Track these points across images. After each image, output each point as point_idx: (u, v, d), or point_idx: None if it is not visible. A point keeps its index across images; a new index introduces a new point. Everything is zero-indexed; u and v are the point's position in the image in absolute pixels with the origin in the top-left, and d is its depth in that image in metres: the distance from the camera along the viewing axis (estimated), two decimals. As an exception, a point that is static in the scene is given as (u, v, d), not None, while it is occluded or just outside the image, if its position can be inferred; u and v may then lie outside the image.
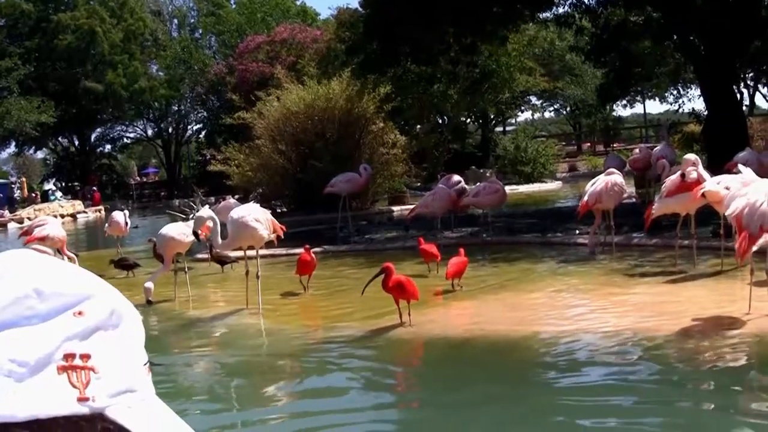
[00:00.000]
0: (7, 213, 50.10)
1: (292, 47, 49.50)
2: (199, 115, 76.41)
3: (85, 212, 52.53)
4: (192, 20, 78.45)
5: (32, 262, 0.93)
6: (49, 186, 69.31)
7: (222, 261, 16.86)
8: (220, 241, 11.98)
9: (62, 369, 0.87)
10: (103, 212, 47.86)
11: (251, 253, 12.66)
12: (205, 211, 12.42)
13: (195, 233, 12.42)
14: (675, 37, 24.80)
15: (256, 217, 12.15)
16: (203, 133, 75.92)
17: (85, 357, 0.89)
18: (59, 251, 17.59)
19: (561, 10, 25.73)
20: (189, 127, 79.96)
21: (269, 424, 7.39)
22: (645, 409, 6.90)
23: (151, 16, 76.02)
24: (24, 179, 73.73)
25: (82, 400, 0.87)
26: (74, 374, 0.88)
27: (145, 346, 0.99)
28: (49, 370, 0.86)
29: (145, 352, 0.99)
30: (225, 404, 8.24)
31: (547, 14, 26.93)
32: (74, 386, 0.87)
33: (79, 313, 0.91)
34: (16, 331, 0.87)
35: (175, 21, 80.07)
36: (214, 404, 8.30)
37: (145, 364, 0.98)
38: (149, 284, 13.57)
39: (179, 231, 13.67)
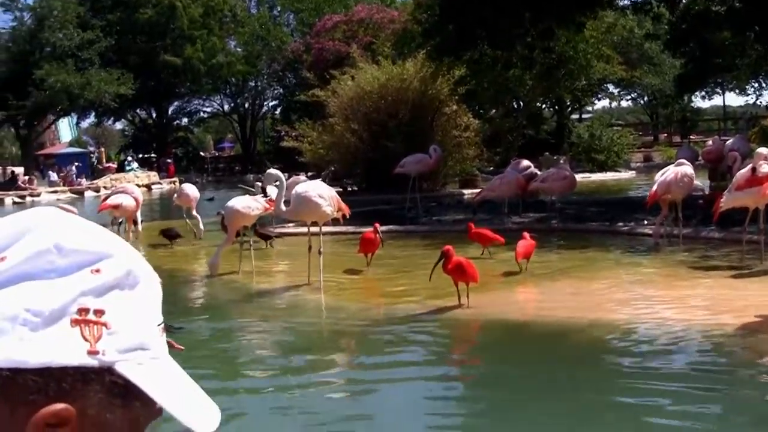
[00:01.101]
0: (84, 181, 50.98)
1: (368, 27, 49.43)
2: (275, 91, 76.86)
3: (159, 183, 53.22)
4: (271, -3, 78.83)
5: (55, 219, 0.98)
6: (126, 157, 70.22)
7: (265, 236, 16.99)
8: (283, 207, 12.14)
9: (75, 322, 0.92)
10: (177, 184, 48.43)
11: (315, 229, 12.74)
12: (275, 170, 12.59)
13: (263, 189, 12.60)
14: (756, 27, 24.37)
15: (320, 193, 12.22)
16: (279, 109, 76.42)
17: (99, 312, 0.94)
18: (127, 220, 18.03)
19: (638, -4, 25.45)
20: (265, 103, 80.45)
21: (321, 391, 7.48)
22: (698, 401, 6.85)
23: (230, -8, 76.42)
24: (102, 149, 74.76)
25: (92, 353, 0.92)
26: (87, 328, 0.92)
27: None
28: (62, 323, 0.91)
29: (160, 312, 1.03)
30: (280, 371, 8.31)
31: (625, 1, 26.67)
32: (86, 339, 0.92)
33: (97, 271, 0.95)
34: (34, 284, 0.92)
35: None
36: (269, 370, 8.41)
37: (159, 325, 1.02)
38: (215, 260, 13.73)
39: (245, 204, 13.81)
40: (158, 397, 0.96)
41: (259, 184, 17.95)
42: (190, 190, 19.33)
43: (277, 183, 12.23)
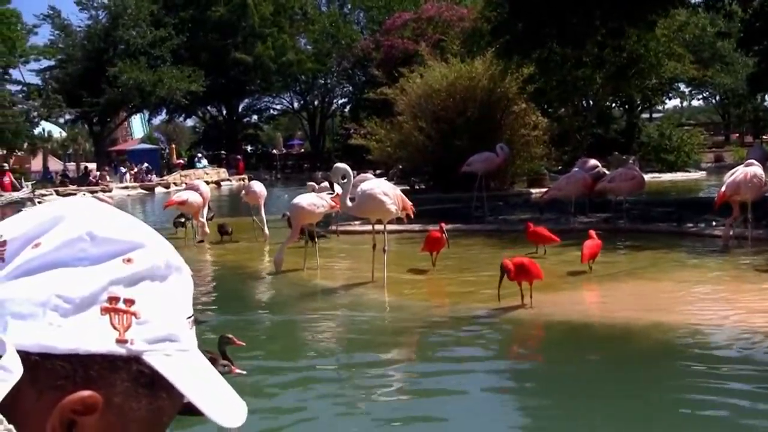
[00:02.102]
0: (154, 177, 51.64)
1: (438, 25, 49.22)
2: (345, 89, 77.05)
3: (229, 180, 53.69)
4: (341, -5, 78.97)
5: (89, 208, 1.00)
6: (196, 153, 70.94)
7: (310, 235, 16.98)
8: (348, 203, 12.21)
9: (105, 310, 0.94)
10: (246, 181, 48.77)
11: (379, 227, 12.79)
12: (343, 165, 12.67)
13: (330, 184, 12.70)
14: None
15: (385, 190, 12.28)
16: (348, 107, 76.57)
17: (129, 302, 0.95)
18: (194, 216, 18.25)
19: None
20: (334, 100, 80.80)
21: (381, 387, 7.52)
22: (762, 405, 6.77)
23: (301, -11, 76.66)
24: (173, 146, 75.58)
25: (121, 341, 0.94)
26: (116, 317, 0.94)
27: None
28: (92, 310, 0.93)
29: (191, 306, 1.05)
30: (340, 366, 8.41)
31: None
32: (115, 328, 0.94)
33: (129, 261, 0.97)
34: (66, 270, 0.94)
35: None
36: (330, 365, 8.47)
37: (189, 318, 1.04)
38: (279, 255, 13.83)
39: (310, 201, 13.90)
40: (185, 389, 0.97)
41: (312, 183, 18.06)
42: (258, 187, 19.44)
43: (345, 179, 12.32)
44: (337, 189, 12.93)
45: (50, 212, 0.98)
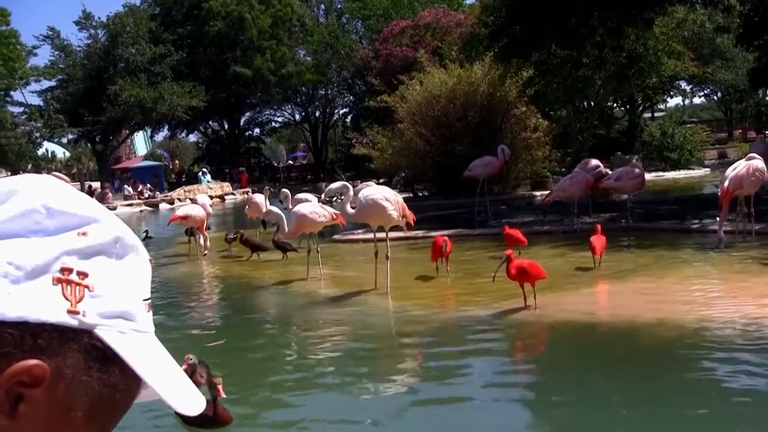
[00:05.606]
0: (158, 193, 51.74)
1: (436, 31, 49.38)
2: (345, 99, 77.09)
3: (233, 194, 53.74)
4: (339, 5, 79.05)
5: (45, 183, 1.00)
6: (201, 168, 71.09)
7: (283, 248, 17.02)
8: (350, 210, 12.25)
9: (57, 281, 0.93)
10: (250, 194, 48.82)
11: (381, 234, 12.78)
12: (337, 184, 12.78)
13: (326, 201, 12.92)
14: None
15: (386, 196, 12.27)
16: (349, 117, 76.59)
17: (82, 275, 0.95)
18: (198, 229, 18.30)
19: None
20: (335, 111, 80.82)
21: (387, 394, 7.47)
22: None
23: (298, 1, 76.70)
24: (177, 162, 75.74)
25: (72, 312, 0.93)
26: (68, 288, 0.94)
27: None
28: (44, 279, 0.93)
29: (149, 289, 1.05)
30: (344, 375, 8.28)
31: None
32: (67, 299, 0.93)
33: (83, 234, 0.97)
34: (20, 241, 0.93)
35: (322, 6, 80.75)
36: (333, 373, 8.39)
37: (146, 300, 1.04)
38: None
39: (312, 210, 13.90)
40: (138, 368, 0.97)
41: (267, 188, 18.38)
42: (260, 199, 19.58)
43: (342, 194, 12.54)
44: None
45: (5, 186, 0.98)
